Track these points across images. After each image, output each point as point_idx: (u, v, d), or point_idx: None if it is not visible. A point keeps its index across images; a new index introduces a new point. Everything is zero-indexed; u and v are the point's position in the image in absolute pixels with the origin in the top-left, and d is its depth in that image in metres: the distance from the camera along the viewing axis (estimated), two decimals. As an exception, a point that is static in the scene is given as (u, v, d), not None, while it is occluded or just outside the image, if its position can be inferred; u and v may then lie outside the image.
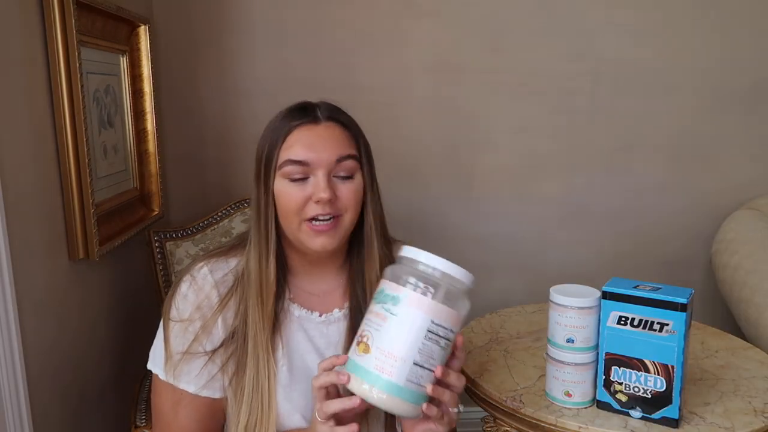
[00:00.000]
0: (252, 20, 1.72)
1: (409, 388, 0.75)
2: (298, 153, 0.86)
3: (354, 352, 0.77)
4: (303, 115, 0.89)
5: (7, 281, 0.96)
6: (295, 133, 0.88)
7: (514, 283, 1.88)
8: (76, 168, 1.17)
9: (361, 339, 0.77)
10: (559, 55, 1.79)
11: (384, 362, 0.75)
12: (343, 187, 0.88)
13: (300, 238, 0.88)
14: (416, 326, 0.75)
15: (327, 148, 0.87)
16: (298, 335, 0.93)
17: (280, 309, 0.92)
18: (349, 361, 0.78)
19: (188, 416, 0.90)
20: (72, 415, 1.20)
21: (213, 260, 0.94)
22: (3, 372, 0.96)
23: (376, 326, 0.76)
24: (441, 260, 0.77)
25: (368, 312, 0.79)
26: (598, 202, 1.88)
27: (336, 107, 0.93)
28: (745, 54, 1.81)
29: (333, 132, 0.89)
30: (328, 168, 0.86)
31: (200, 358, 0.89)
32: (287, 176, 0.87)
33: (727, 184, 1.88)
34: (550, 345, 1.07)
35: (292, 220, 0.87)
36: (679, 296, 0.97)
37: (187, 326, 0.90)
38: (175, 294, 0.92)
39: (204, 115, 1.76)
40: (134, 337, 1.51)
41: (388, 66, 1.77)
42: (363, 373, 0.75)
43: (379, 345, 0.75)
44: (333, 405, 0.77)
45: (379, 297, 0.78)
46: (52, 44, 1.11)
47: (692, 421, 1.02)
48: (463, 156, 1.84)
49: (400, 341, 0.75)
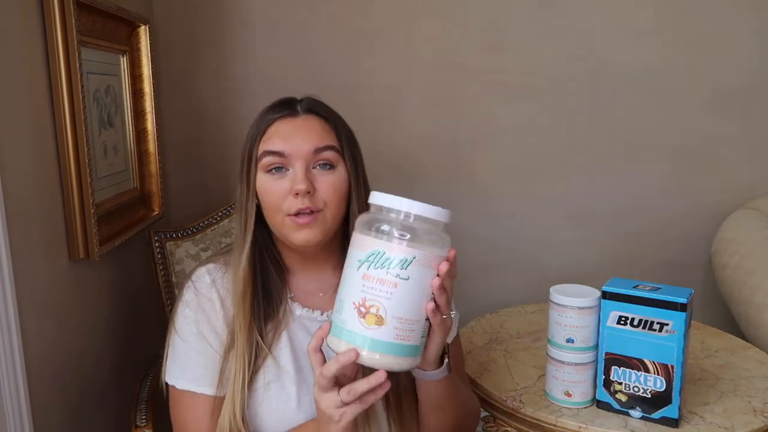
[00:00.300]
0: (252, 20, 1.72)
1: (423, 342, 0.75)
2: (276, 144, 0.87)
3: (357, 324, 0.71)
4: (282, 109, 0.91)
5: (7, 281, 0.96)
6: (274, 126, 0.89)
7: (514, 283, 1.88)
8: (76, 168, 1.17)
9: (368, 310, 0.71)
10: (559, 55, 1.79)
11: (404, 330, 0.72)
12: (323, 178, 0.88)
13: (284, 232, 0.89)
14: (428, 284, 0.72)
15: (305, 139, 0.87)
16: (300, 334, 0.94)
17: (283, 311, 0.93)
18: (351, 334, 0.72)
19: (214, 421, 0.90)
20: (72, 414, 1.20)
21: (211, 264, 0.96)
22: (3, 372, 0.96)
23: (385, 294, 0.70)
24: (436, 209, 0.73)
25: (363, 277, 0.71)
26: (598, 202, 1.88)
27: (317, 101, 0.94)
28: (744, 54, 1.81)
29: (311, 123, 0.89)
30: (306, 159, 0.87)
31: (213, 359, 0.90)
32: (266, 168, 0.88)
33: (727, 184, 1.88)
34: (550, 345, 1.07)
35: (275, 216, 0.88)
36: (678, 296, 0.97)
37: (195, 331, 0.91)
38: (179, 302, 0.94)
39: (204, 115, 1.76)
40: (134, 337, 1.51)
41: (388, 66, 1.77)
42: (381, 346, 0.71)
43: (395, 315, 0.71)
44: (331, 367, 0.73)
45: (378, 260, 0.71)
46: (52, 44, 1.11)
47: (692, 421, 1.02)
48: (463, 156, 1.84)
49: (417, 304, 0.72)
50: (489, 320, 1.46)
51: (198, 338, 0.91)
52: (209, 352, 0.91)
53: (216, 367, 0.90)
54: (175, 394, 0.92)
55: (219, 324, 0.92)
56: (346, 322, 0.72)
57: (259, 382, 0.90)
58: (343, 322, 0.73)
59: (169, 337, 0.94)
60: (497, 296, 1.82)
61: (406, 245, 0.71)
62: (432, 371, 0.83)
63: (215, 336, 0.91)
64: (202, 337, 0.91)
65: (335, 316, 0.74)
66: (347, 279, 0.74)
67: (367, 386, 0.72)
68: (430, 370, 0.83)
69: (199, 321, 0.92)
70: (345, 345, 0.72)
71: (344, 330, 0.72)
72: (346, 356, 0.71)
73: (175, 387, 0.92)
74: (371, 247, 0.71)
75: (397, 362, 0.72)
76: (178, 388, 0.91)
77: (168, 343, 0.94)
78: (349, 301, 0.72)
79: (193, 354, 0.91)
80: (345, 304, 0.73)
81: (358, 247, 0.73)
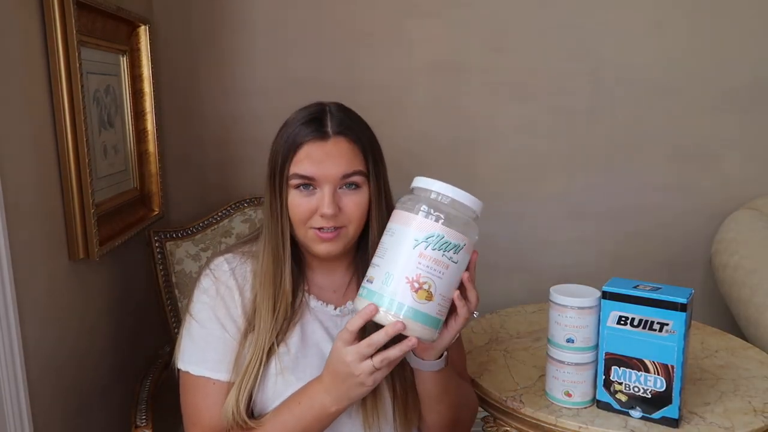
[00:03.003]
0: (252, 20, 1.72)
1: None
2: (306, 169, 0.90)
3: (409, 297, 0.78)
4: (313, 129, 0.91)
5: (8, 281, 0.96)
6: (305, 148, 0.90)
7: (514, 283, 1.88)
8: (76, 168, 1.17)
9: (421, 286, 0.78)
10: (559, 55, 1.79)
11: (444, 307, 0.81)
12: (348, 199, 0.91)
13: (307, 243, 0.93)
14: (463, 268, 0.82)
15: (334, 164, 0.90)
16: (314, 325, 0.96)
17: (299, 302, 0.96)
18: (400, 305, 0.78)
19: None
20: (72, 414, 1.20)
21: (229, 254, 0.99)
22: (3, 372, 0.96)
23: (438, 274, 0.78)
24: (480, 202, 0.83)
25: (419, 255, 0.78)
26: (598, 202, 1.88)
27: (347, 117, 0.94)
28: (744, 54, 1.81)
29: (341, 148, 0.91)
30: (334, 184, 0.90)
31: (228, 345, 0.92)
32: (295, 186, 0.91)
33: (727, 184, 1.88)
34: (550, 345, 1.07)
35: (300, 228, 0.92)
36: (678, 296, 0.97)
37: (213, 317, 0.93)
38: (196, 289, 0.97)
39: (204, 115, 1.76)
40: (134, 337, 1.51)
41: (389, 66, 1.77)
42: (424, 318, 0.78)
43: (442, 293, 0.79)
44: (356, 321, 0.80)
45: (437, 243, 0.78)
46: (52, 44, 1.11)
47: (692, 421, 1.02)
48: (464, 156, 1.84)
49: (455, 286, 0.81)
50: (489, 320, 1.46)
51: (216, 324, 0.93)
52: (226, 338, 0.93)
53: (232, 353, 0.92)
54: (190, 380, 0.93)
55: (236, 311, 0.94)
56: (395, 294, 0.78)
57: (272, 368, 0.91)
58: (392, 293, 0.78)
59: (185, 323, 0.95)
60: (497, 296, 1.82)
61: (461, 232, 0.80)
62: (433, 361, 0.88)
63: (232, 323, 0.93)
64: (219, 323, 0.93)
65: (378, 287, 0.79)
66: (400, 254, 0.79)
67: (399, 353, 0.79)
68: (432, 360, 0.88)
69: (217, 307, 0.94)
70: (392, 316, 0.78)
71: (394, 301, 0.78)
72: (394, 328, 0.77)
73: (189, 373, 0.93)
74: (430, 229, 0.79)
75: (429, 333, 0.80)
76: (194, 374, 0.92)
77: (182, 331, 0.96)
78: (401, 275, 0.78)
79: (211, 339, 0.93)
80: (394, 277, 0.79)
81: (414, 226, 0.79)
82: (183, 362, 0.94)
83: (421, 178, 0.84)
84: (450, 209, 0.80)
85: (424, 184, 0.82)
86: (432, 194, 0.81)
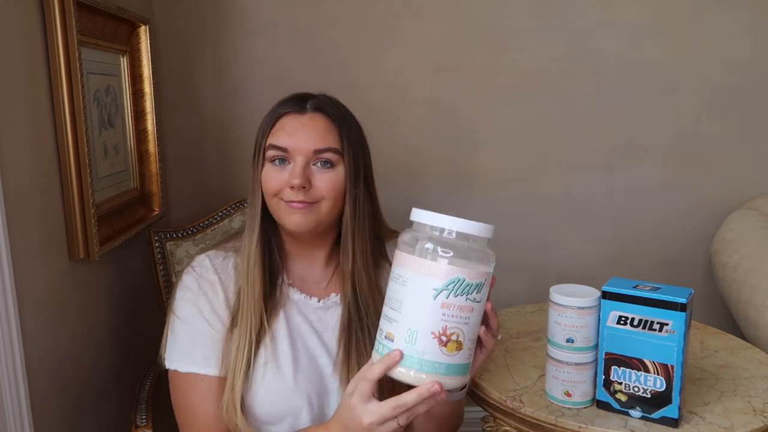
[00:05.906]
0: (251, 20, 1.72)
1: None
2: (280, 139, 0.91)
3: (438, 353, 0.71)
4: (292, 104, 0.93)
5: (8, 281, 0.96)
6: (281, 120, 0.92)
7: (514, 283, 1.88)
8: (77, 168, 1.17)
9: (449, 338, 0.72)
10: (559, 55, 1.79)
11: (472, 349, 0.76)
12: (321, 176, 0.91)
13: (279, 215, 0.93)
14: (485, 302, 0.77)
15: (308, 137, 0.90)
16: (297, 318, 0.96)
17: (279, 293, 0.96)
18: (433, 364, 0.71)
19: (219, 403, 0.90)
20: (72, 414, 1.20)
21: (212, 251, 0.99)
22: (3, 371, 0.96)
23: (464, 320, 0.73)
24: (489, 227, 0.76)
25: (442, 306, 0.71)
26: (597, 202, 1.88)
27: (329, 100, 0.95)
28: (744, 54, 1.81)
29: (316, 123, 0.92)
30: (306, 156, 0.90)
31: (214, 340, 0.92)
32: (270, 160, 0.91)
33: (727, 184, 1.88)
34: (550, 345, 1.07)
35: (271, 200, 0.92)
36: (678, 296, 0.97)
37: (196, 313, 0.93)
38: (179, 287, 0.96)
39: (204, 115, 1.76)
40: (134, 337, 1.51)
41: (388, 66, 1.77)
42: (456, 369, 0.73)
43: (470, 337, 0.74)
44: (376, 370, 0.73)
45: (458, 288, 0.71)
46: (52, 44, 1.11)
47: (692, 421, 1.02)
48: (463, 156, 1.84)
49: (479, 323, 0.76)
50: (489, 320, 1.46)
51: (200, 319, 0.93)
52: (211, 333, 0.92)
53: (218, 347, 0.91)
54: (179, 379, 0.92)
55: (220, 306, 0.94)
56: (424, 353, 0.72)
57: (260, 360, 0.91)
58: (420, 353, 0.72)
59: (169, 323, 0.95)
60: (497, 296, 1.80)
61: (483, 268, 0.73)
62: (457, 392, 0.87)
63: (216, 318, 0.93)
64: (203, 318, 0.93)
65: (402, 346, 0.72)
66: (421, 309, 0.72)
67: (427, 407, 0.74)
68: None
69: (200, 303, 0.93)
70: (425, 376, 0.72)
71: (424, 361, 0.72)
72: (430, 391, 0.71)
73: (178, 372, 0.92)
74: (449, 274, 0.71)
75: (461, 380, 0.75)
76: (182, 371, 0.92)
77: (167, 331, 0.95)
78: (427, 331, 0.71)
79: (197, 335, 0.92)
80: (419, 334, 0.72)
81: (430, 273, 0.71)
82: (170, 361, 0.93)
83: (422, 211, 0.75)
84: (463, 243, 0.73)
85: (429, 219, 0.74)
86: (438, 231, 0.73)
